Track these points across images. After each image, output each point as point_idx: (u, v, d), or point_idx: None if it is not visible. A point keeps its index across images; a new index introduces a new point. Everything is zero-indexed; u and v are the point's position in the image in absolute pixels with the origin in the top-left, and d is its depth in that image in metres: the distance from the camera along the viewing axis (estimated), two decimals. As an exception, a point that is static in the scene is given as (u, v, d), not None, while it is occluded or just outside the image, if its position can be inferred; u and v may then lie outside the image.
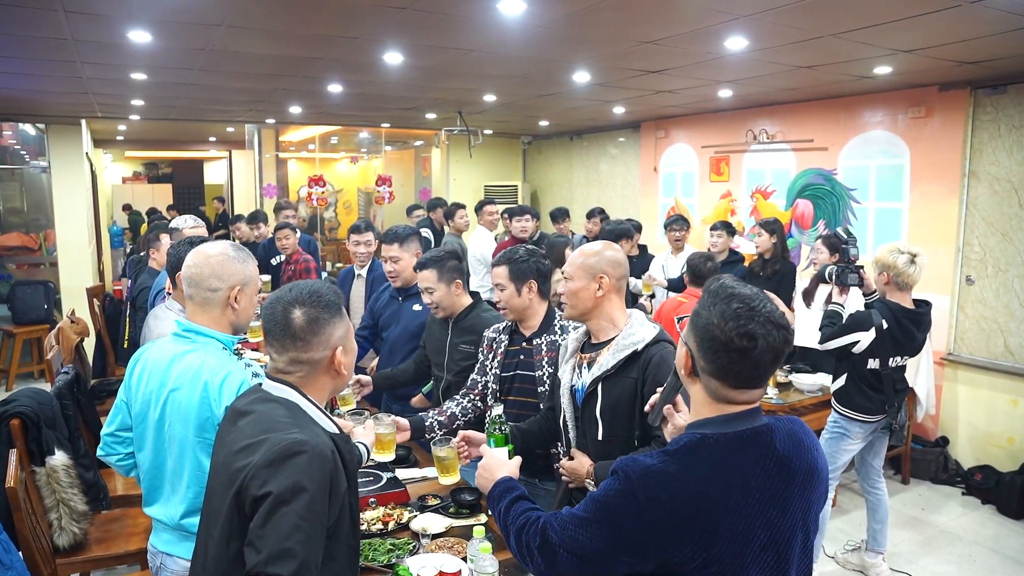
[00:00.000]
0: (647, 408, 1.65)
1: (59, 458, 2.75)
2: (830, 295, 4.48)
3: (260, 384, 1.59)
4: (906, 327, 3.39)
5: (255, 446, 1.39)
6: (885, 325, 3.35)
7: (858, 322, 3.39)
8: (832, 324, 3.50)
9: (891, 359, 3.43)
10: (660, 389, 1.63)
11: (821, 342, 3.46)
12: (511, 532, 1.55)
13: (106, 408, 4.31)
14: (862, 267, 3.66)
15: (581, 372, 2.24)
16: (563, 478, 2.28)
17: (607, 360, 2.14)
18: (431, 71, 4.67)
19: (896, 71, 4.37)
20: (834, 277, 3.68)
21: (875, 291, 3.63)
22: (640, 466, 1.32)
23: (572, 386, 2.27)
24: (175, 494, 1.95)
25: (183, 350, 1.95)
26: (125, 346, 4.54)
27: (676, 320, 3.82)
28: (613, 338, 2.19)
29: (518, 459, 1.85)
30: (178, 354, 1.94)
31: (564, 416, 2.30)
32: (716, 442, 1.31)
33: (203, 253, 1.99)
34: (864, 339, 3.36)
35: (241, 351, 4.09)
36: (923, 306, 3.48)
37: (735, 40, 3.63)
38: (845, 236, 3.84)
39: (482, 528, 1.98)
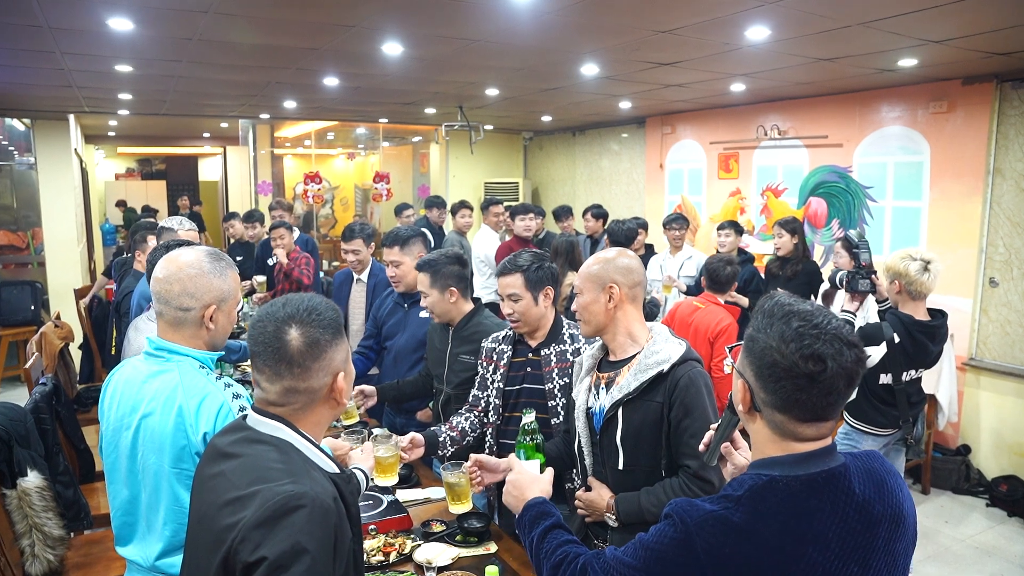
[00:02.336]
0: (701, 447, 1.47)
1: (32, 479, 2.54)
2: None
3: (245, 417, 1.36)
4: (919, 340, 3.15)
5: (244, 500, 1.17)
6: (897, 339, 3.11)
7: (868, 336, 3.15)
8: None
9: (904, 373, 3.21)
10: (714, 426, 1.44)
11: None
12: (544, 566, 1.40)
13: (92, 416, 4.14)
14: (875, 273, 3.45)
15: (598, 393, 2.03)
16: (579, 511, 2.06)
17: (628, 382, 1.93)
18: (432, 63, 4.45)
19: (921, 63, 4.16)
20: (844, 283, 3.47)
21: (888, 299, 3.42)
22: (698, 512, 1.13)
23: (589, 408, 2.06)
24: (151, 532, 1.73)
25: (155, 370, 1.73)
26: (113, 352, 4.33)
27: (728, 349, 3.61)
28: (633, 356, 1.98)
29: (550, 472, 1.65)
30: (150, 375, 1.72)
31: (579, 441, 2.10)
32: (787, 487, 1.13)
33: (175, 263, 1.73)
34: (875, 354, 3.13)
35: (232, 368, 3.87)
36: (938, 317, 3.22)
37: (757, 30, 3.42)
38: (856, 240, 3.62)
39: (495, 569, 1.78)
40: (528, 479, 1.60)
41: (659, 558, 1.15)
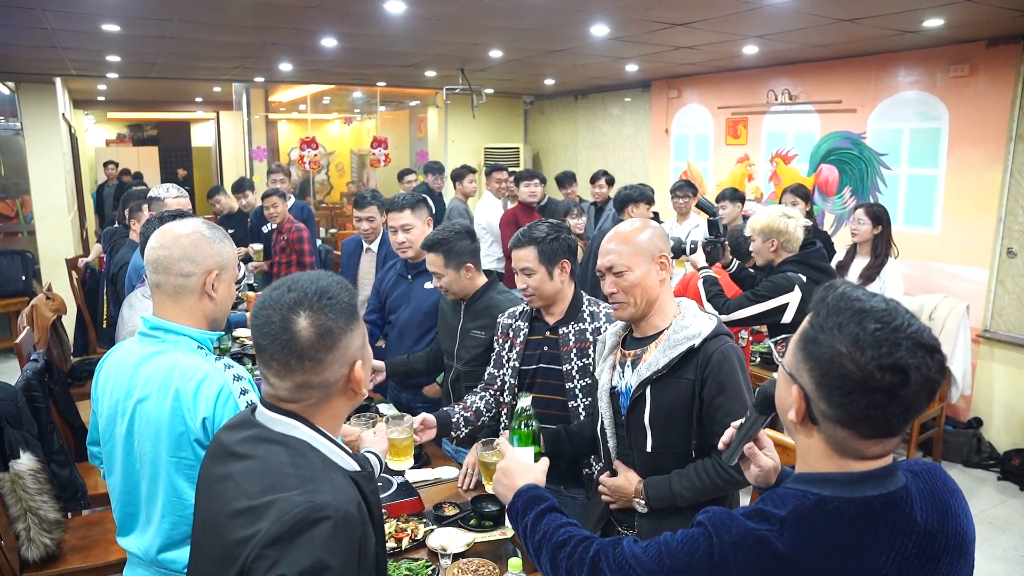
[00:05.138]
0: (720, 445, 1.34)
1: (25, 461, 2.43)
2: (866, 267, 4.20)
3: (254, 409, 1.22)
4: (821, 266, 3.29)
5: (258, 512, 1.05)
6: (805, 278, 3.18)
7: (779, 286, 3.17)
8: (721, 294, 3.31)
9: None
10: (735, 424, 1.31)
11: (727, 310, 3.20)
12: (545, 548, 1.27)
13: (87, 391, 4.02)
14: (725, 240, 3.59)
15: (623, 372, 1.92)
16: (604, 497, 1.97)
17: (657, 358, 1.82)
18: (435, 22, 4.25)
19: (947, 23, 3.98)
20: (707, 251, 3.47)
21: (732, 260, 3.57)
22: (738, 527, 1.00)
23: (613, 387, 1.96)
24: (150, 524, 1.63)
25: (151, 351, 1.61)
26: (104, 325, 4.20)
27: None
28: (662, 332, 1.87)
29: (545, 462, 1.54)
30: (145, 356, 1.60)
31: (602, 422, 1.99)
32: (837, 511, 0.98)
33: (171, 233, 1.63)
34: (792, 300, 3.13)
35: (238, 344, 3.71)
36: (812, 244, 3.38)
37: (780, -14, 3.24)
38: (714, 208, 3.66)
39: (519, 561, 1.69)
40: (519, 467, 1.48)
41: (684, 570, 1.03)
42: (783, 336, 3.30)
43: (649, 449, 1.85)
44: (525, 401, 1.83)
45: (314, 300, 1.14)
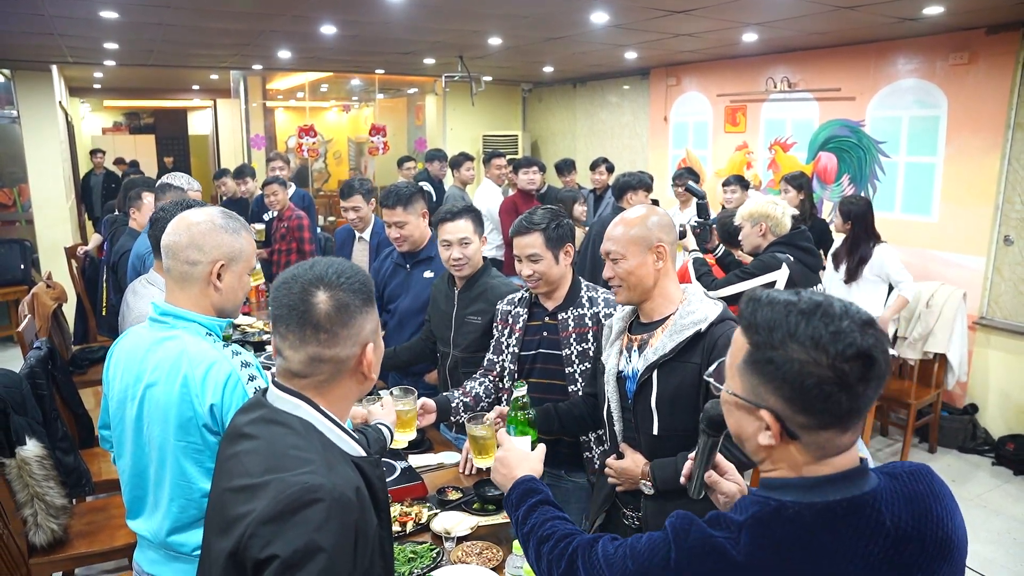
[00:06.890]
0: (682, 480, 1.34)
1: (31, 448, 2.46)
2: (849, 266, 4.24)
3: (264, 392, 1.26)
4: (806, 247, 3.37)
5: (256, 490, 1.08)
6: (792, 258, 3.26)
7: (766, 264, 3.26)
8: (709, 273, 3.40)
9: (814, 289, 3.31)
10: (692, 456, 1.32)
11: (715, 287, 3.28)
12: (531, 540, 1.31)
13: (88, 378, 4.05)
14: (712, 224, 3.70)
15: (630, 356, 1.95)
16: (610, 479, 2.00)
17: (663, 343, 1.85)
18: (435, 10, 4.24)
19: (947, 11, 3.98)
20: (696, 236, 3.56)
21: (719, 245, 3.67)
22: (696, 534, 1.00)
23: (620, 372, 1.98)
24: (158, 507, 1.65)
25: (160, 337, 1.63)
26: (104, 313, 4.21)
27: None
28: (668, 317, 1.90)
29: (542, 449, 1.57)
30: (155, 342, 1.62)
31: (608, 406, 2.02)
32: (797, 515, 0.96)
33: (185, 220, 1.65)
34: (780, 278, 3.21)
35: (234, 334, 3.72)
36: (798, 228, 3.47)
37: (781, -27, 3.24)
38: (701, 192, 3.76)
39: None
40: (517, 457, 1.51)
41: (643, 575, 1.03)
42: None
43: (655, 432, 1.88)
44: (521, 390, 1.87)
45: (333, 277, 1.20)
